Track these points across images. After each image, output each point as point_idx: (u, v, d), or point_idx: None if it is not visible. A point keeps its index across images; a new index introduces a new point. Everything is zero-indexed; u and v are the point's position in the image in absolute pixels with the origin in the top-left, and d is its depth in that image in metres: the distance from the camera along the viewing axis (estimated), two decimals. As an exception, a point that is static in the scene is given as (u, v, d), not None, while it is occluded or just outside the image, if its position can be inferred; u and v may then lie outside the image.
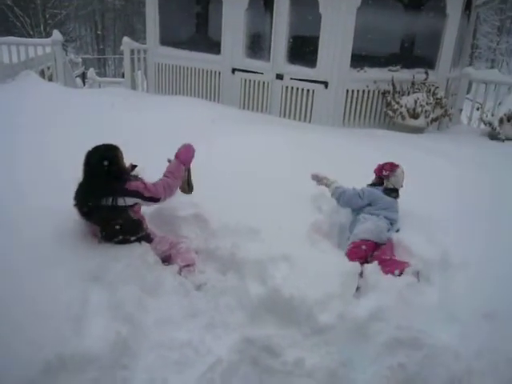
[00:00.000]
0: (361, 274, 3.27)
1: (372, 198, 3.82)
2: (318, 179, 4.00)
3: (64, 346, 2.47)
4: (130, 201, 3.15)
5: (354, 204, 3.83)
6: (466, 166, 4.82)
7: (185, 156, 3.49)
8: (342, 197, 3.84)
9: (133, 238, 3.26)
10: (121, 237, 3.21)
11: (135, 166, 3.40)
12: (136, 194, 3.15)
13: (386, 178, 3.95)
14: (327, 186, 3.94)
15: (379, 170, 4.02)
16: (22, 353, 2.40)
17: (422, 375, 2.58)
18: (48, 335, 2.50)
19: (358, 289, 3.20)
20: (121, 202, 3.11)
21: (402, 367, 2.60)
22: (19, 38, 9.82)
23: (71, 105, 6.06)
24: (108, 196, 3.08)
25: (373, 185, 4.02)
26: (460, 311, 2.91)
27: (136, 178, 3.26)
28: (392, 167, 3.95)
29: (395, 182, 3.93)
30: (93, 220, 3.19)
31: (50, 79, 9.50)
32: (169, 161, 3.47)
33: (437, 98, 7.21)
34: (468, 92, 9.46)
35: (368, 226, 3.63)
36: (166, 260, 3.39)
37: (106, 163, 3.07)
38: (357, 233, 3.64)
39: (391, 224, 3.76)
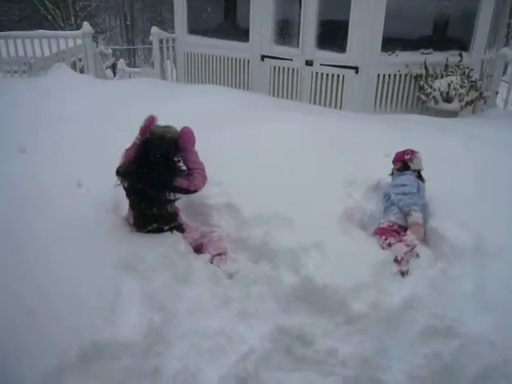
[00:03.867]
0: (395, 260, 3.24)
1: (419, 188, 3.77)
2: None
3: (99, 334, 2.52)
4: (175, 196, 3.26)
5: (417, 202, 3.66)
6: (502, 151, 4.68)
7: (193, 142, 3.44)
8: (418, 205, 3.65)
9: (166, 228, 3.30)
10: (155, 225, 3.26)
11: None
12: (182, 190, 3.25)
13: (409, 161, 3.90)
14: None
15: (401, 155, 3.97)
16: (59, 339, 2.47)
17: (457, 364, 2.54)
18: (83, 323, 2.56)
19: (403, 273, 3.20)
20: (171, 196, 3.24)
21: (437, 356, 2.57)
22: (50, 31, 9.97)
23: (103, 95, 6.13)
24: (162, 189, 3.19)
25: (398, 170, 3.94)
26: (495, 300, 2.83)
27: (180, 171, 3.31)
28: (412, 151, 3.95)
29: (419, 164, 3.90)
30: (135, 201, 3.25)
31: (82, 71, 9.64)
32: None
33: (471, 81, 7.01)
34: (504, 74, 9.17)
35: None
36: (198, 249, 3.41)
37: (172, 157, 3.23)
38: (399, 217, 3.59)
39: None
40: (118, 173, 3.19)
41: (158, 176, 3.13)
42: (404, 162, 3.93)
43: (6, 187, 3.54)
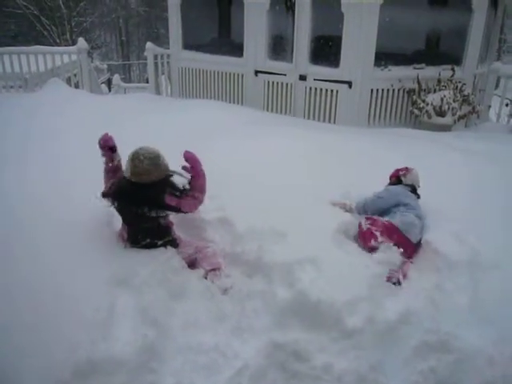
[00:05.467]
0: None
1: (400, 197, 3.76)
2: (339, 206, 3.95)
3: (93, 350, 2.50)
4: (164, 212, 3.23)
5: (380, 205, 3.79)
6: (495, 164, 4.70)
7: (199, 167, 3.32)
8: (366, 204, 3.83)
9: (159, 243, 3.28)
10: (148, 240, 3.24)
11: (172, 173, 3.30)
12: (172, 208, 3.18)
13: (402, 176, 3.95)
14: (350, 209, 3.91)
15: (395, 172, 4.04)
16: (53, 355, 2.45)
17: (453, 380, 2.52)
18: (78, 339, 2.53)
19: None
20: (159, 213, 3.19)
21: (432, 371, 2.55)
22: (46, 47, 10.01)
23: (97, 109, 6.14)
24: (148, 206, 3.14)
25: (391, 184, 4.00)
26: (492, 314, 2.83)
27: (173, 187, 3.24)
28: (407, 168, 4.00)
29: (412, 180, 3.93)
30: (124, 217, 3.26)
31: (77, 86, 9.67)
32: (183, 168, 3.30)
33: (464, 95, 7.07)
34: (496, 88, 9.26)
35: (409, 220, 3.59)
36: (192, 264, 3.39)
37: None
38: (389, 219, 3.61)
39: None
40: (104, 195, 3.19)
41: (147, 195, 3.12)
42: (397, 177, 3.99)
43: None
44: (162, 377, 2.58)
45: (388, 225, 3.54)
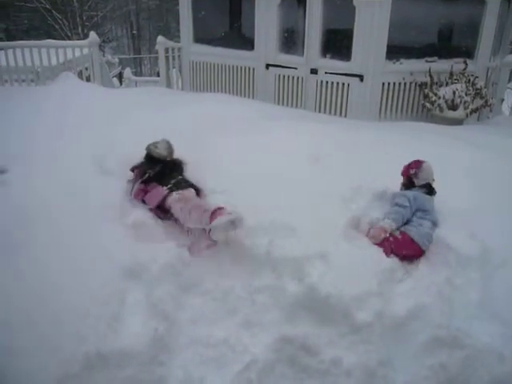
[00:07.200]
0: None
1: (419, 203, 3.64)
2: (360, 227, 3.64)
3: (103, 343, 2.53)
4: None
5: (407, 216, 3.62)
6: (508, 159, 4.64)
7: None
8: (401, 220, 3.62)
9: (179, 176, 3.80)
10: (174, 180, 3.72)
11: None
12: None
13: (414, 177, 3.78)
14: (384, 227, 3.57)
15: (406, 170, 3.85)
16: (63, 348, 2.48)
17: (463, 376, 2.51)
18: (88, 332, 2.56)
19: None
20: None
21: (443, 367, 2.54)
22: (58, 41, 10.05)
23: (108, 103, 6.16)
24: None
25: (404, 186, 3.86)
26: (503, 310, 2.81)
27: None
28: (417, 163, 3.80)
29: (425, 177, 3.77)
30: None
31: (88, 80, 9.70)
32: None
33: (476, 89, 6.99)
34: (510, 81, 9.14)
35: (425, 231, 3.50)
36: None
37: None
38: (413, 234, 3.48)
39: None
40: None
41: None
42: (409, 178, 3.83)
43: (7, 197, 3.54)
44: (171, 370, 2.61)
45: (401, 240, 3.46)
